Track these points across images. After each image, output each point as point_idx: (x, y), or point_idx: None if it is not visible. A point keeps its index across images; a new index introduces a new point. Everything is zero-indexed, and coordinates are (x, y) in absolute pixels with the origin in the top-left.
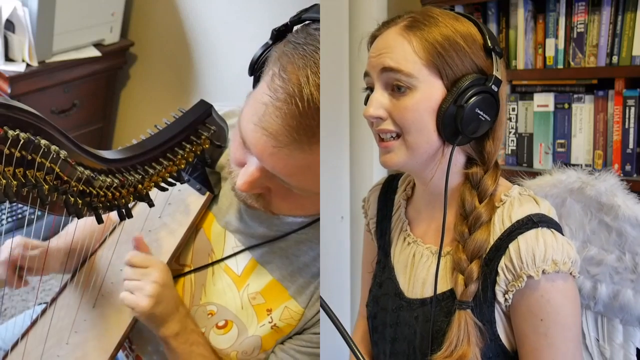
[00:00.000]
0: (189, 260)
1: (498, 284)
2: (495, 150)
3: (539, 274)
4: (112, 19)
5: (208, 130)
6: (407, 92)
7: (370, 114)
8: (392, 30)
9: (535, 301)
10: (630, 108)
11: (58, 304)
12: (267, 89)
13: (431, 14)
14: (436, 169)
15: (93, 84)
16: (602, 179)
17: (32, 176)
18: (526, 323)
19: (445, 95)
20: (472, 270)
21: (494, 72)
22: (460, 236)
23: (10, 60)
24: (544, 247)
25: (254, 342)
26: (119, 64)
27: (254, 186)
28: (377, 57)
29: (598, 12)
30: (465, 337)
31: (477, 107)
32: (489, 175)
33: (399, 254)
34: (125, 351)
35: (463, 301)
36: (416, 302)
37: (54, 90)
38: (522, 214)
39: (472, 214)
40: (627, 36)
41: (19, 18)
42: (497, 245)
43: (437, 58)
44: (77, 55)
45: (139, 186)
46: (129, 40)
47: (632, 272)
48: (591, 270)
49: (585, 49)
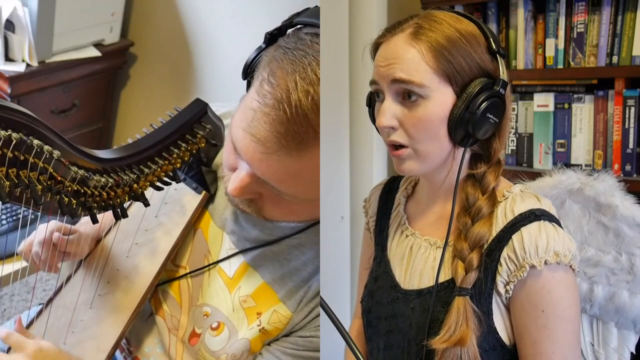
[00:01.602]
0: (185, 261)
1: (500, 274)
2: (501, 147)
3: (541, 264)
4: (112, 19)
5: (204, 129)
6: (420, 102)
7: (383, 125)
8: (399, 38)
9: (535, 292)
10: (630, 108)
11: (55, 304)
12: (255, 94)
13: (435, 18)
14: (447, 170)
15: (93, 84)
16: (601, 179)
17: (25, 176)
18: (526, 314)
19: (456, 102)
20: (472, 259)
21: (500, 74)
22: (463, 226)
23: (10, 60)
24: (547, 238)
25: (243, 345)
26: (119, 64)
27: (244, 191)
28: (387, 67)
29: (598, 12)
30: (464, 321)
31: (488, 111)
32: (491, 171)
33: (396, 247)
34: (123, 352)
35: (462, 287)
36: (412, 293)
37: (54, 90)
38: (524, 208)
39: (475, 205)
40: (627, 36)
41: (19, 18)
42: (500, 237)
43: (446, 65)
44: (77, 55)
45: (134, 185)
46: (129, 40)
47: (629, 273)
48: (588, 272)
49: (585, 49)
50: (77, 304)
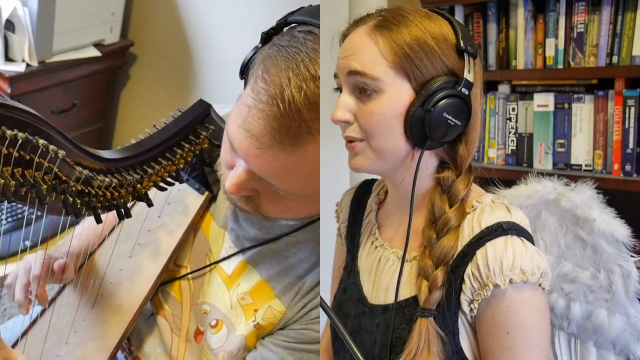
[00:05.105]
0: (186, 261)
1: (464, 292)
2: (468, 155)
3: (505, 283)
4: (112, 19)
5: (207, 130)
6: (374, 96)
7: (337, 118)
8: (361, 30)
9: (500, 312)
10: (630, 108)
11: (57, 303)
12: (250, 91)
13: (402, 13)
14: (406, 172)
15: (93, 84)
16: (578, 190)
17: (30, 176)
18: (491, 335)
19: (413, 99)
20: (436, 277)
21: (465, 74)
22: (428, 241)
23: (10, 60)
24: (512, 255)
25: (239, 342)
26: (119, 64)
27: (241, 188)
28: (344, 59)
29: (598, 12)
30: (425, 346)
31: (445, 111)
32: (461, 180)
33: (365, 258)
34: (124, 352)
35: (426, 308)
36: (378, 308)
37: (54, 90)
38: (492, 220)
39: (441, 218)
40: (627, 36)
41: (19, 18)
42: (465, 252)
43: (404, 60)
44: (77, 55)
45: (137, 186)
46: (129, 40)
47: (607, 291)
48: (565, 288)
49: (585, 49)
50: (80, 304)
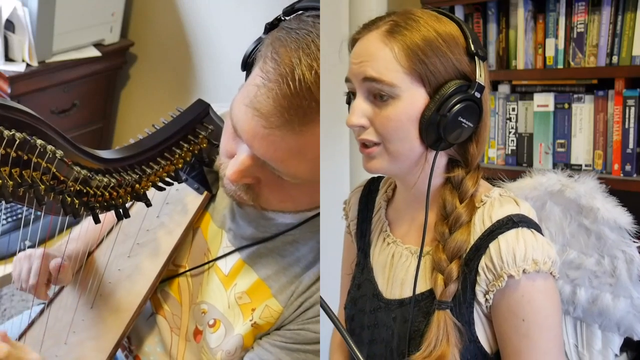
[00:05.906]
0: (185, 260)
1: (478, 284)
2: (478, 153)
3: (519, 273)
4: (112, 19)
5: (206, 130)
6: (390, 102)
7: (352, 123)
8: (373, 35)
9: (515, 301)
10: (630, 108)
11: (56, 304)
12: (259, 71)
13: (413, 17)
14: (419, 173)
15: (93, 84)
16: (582, 181)
17: (28, 176)
18: (507, 324)
19: (428, 103)
20: (451, 270)
21: (477, 78)
22: (441, 236)
23: (10, 60)
24: (524, 246)
25: (237, 341)
26: (119, 64)
27: (244, 175)
28: (359, 64)
29: (598, 12)
30: (444, 337)
31: (460, 115)
32: (470, 177)
33: (378, 255)
34: (125, 351)
35: (442, 301)
36: (394, 302)
37: (54, 90)
38: (502, 214)
39: (453, 214)
40: (627, 36)
41: (19, 18)
42: (478, 245)
43: (419, 65)
44: (77, 55)
45: (136, 186)
46: (129, 40)
47: (611, 276)
48: (570, 275)
49: (585, 49)
50: (78, 304)
